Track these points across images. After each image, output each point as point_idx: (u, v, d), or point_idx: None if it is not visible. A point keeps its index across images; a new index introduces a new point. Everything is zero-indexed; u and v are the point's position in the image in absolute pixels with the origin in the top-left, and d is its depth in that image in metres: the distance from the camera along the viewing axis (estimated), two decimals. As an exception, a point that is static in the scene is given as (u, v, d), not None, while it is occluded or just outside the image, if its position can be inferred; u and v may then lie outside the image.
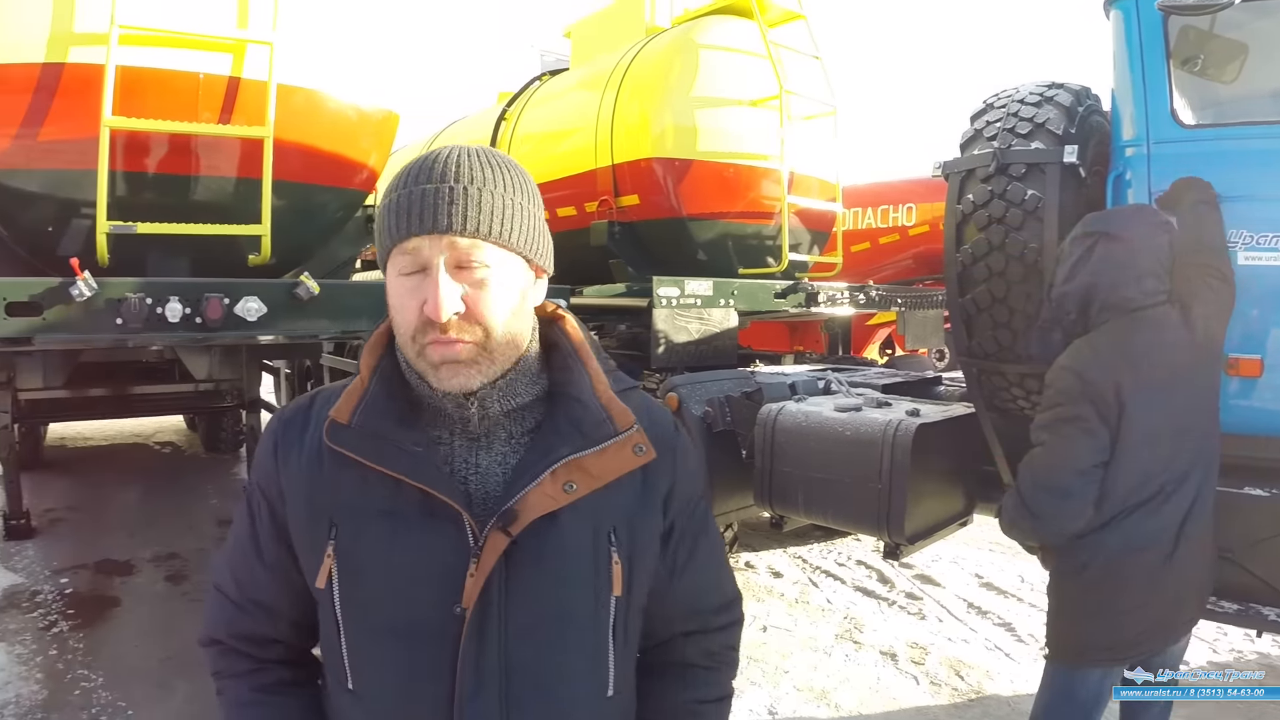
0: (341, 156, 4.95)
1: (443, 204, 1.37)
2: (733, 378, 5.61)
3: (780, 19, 6.95)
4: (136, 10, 4.14)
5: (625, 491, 1.51)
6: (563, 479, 1.44)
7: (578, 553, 1.48)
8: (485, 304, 1.40)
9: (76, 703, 4.91)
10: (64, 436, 12.79)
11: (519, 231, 1.42)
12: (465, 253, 1.38)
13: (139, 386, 9.09)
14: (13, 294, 3.80)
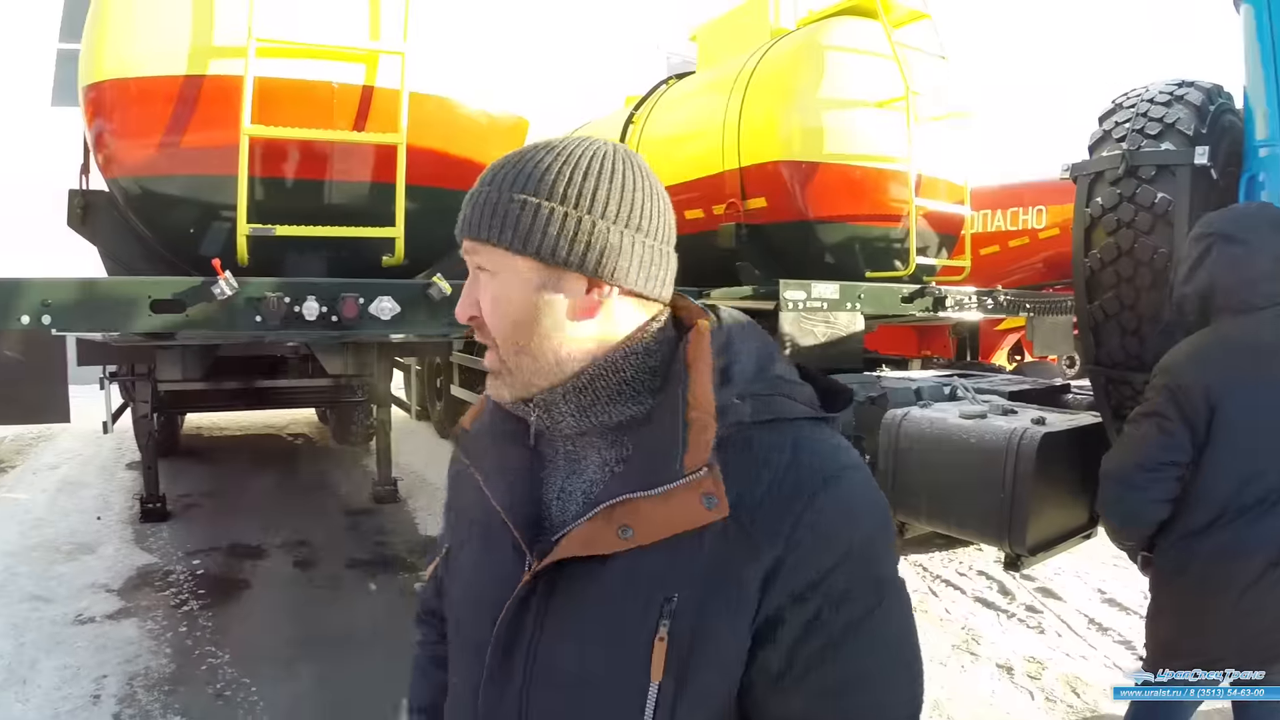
0: (471, 161, 5.07)
1: (467, 204, 1.33)
2: (858, 382, 5.59)
3: (905, 19, 6.89)
4: (272, 24, 4.33)
5: (699, 552, 1.19)
6: (618, 521, 1.21)
7: (616, 614, 1.23)
8: (486, 311, 1.32)
9: (203, 678, 5.09)
10: (200, 426, 13.23)
11: (522, 232, 1.26)
12: (473, 256, 1.33)
13: (274, 380, 9.45)
14: (157, 292, 4.00)
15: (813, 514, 1.19)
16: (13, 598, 6.17)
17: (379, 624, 5.90)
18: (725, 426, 1.22)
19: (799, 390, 1.33)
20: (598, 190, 1.27)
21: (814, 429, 1.29)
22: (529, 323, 1.29)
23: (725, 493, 1.17)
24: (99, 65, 4.49)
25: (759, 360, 1.33)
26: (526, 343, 1.30)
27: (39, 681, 4.95)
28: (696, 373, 1.27)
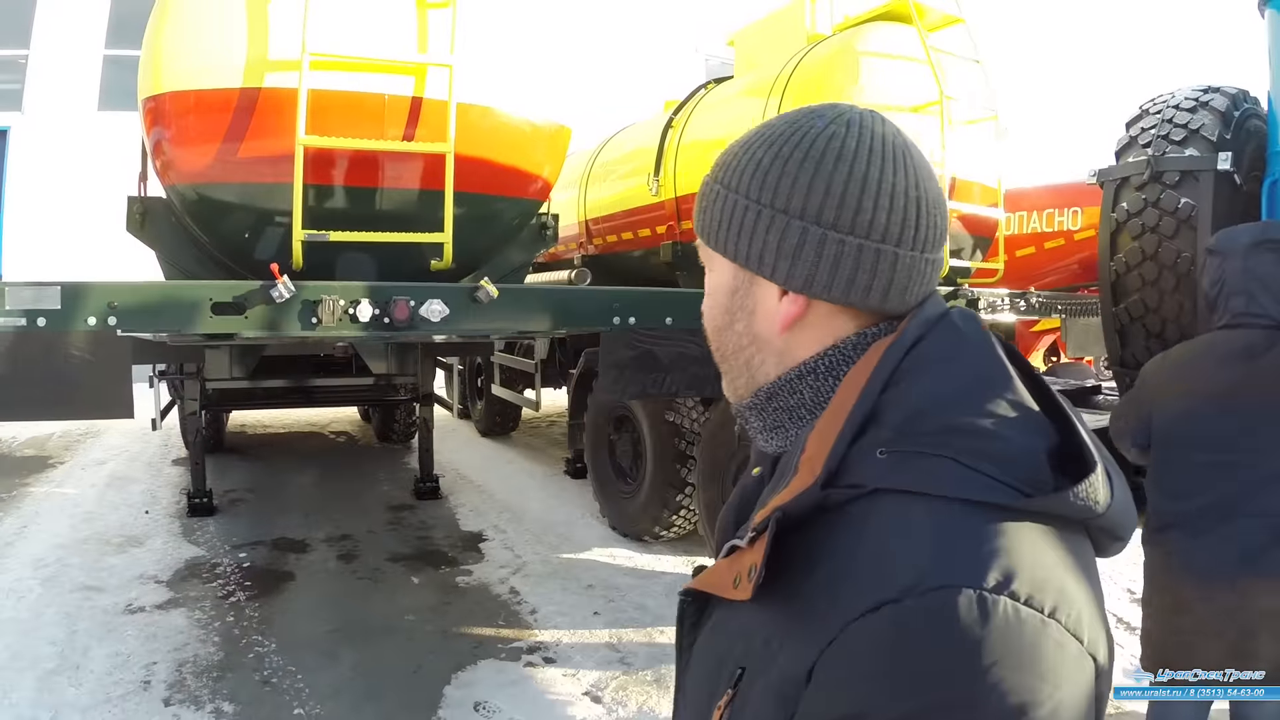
0: (516, 168, 5.23)
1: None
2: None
3: (939, 23, 6.93)
4: (324, 39, 4.48)
5: (769, 627, 0.99)
6: (737, 567, 1.03)
7: (709, 667, 1.10)
8: (704, 309, 1.24)
9: (250, 665, 5.22)
10: (244, 424, 13.38)
11: (712, 227, 1.15)
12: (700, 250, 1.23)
13: (319, 379, 9.65)
14: (218, 295, 4.16)
15: (858, 640, 0.87)
16: (65, 588, 6.33)
17: (421, 615, 6.01)
18: (839, 486, 0.95)
19: (997, 450, 0.93)
20: (793, 180, 1.07)
21: (953, 518, 0.89)
22: (724, 328, 1.20)
23: (779, 569, 0.95)
24: (158, 78, 4.66)
25: (941, 398, 0.99)
26: (722, 348, 1.22)
27: (91, 667, 5.09)
28: (833, 408, 1.04)
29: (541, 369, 9.99)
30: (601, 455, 8.29)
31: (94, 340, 3.95)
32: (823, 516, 0.96)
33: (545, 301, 5.06)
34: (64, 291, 3.91)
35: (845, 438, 0.97)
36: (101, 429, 13.09)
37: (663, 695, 4.93)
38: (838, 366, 1.10)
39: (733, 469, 6.45)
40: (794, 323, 1.11)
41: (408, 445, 12.06)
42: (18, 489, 9.31)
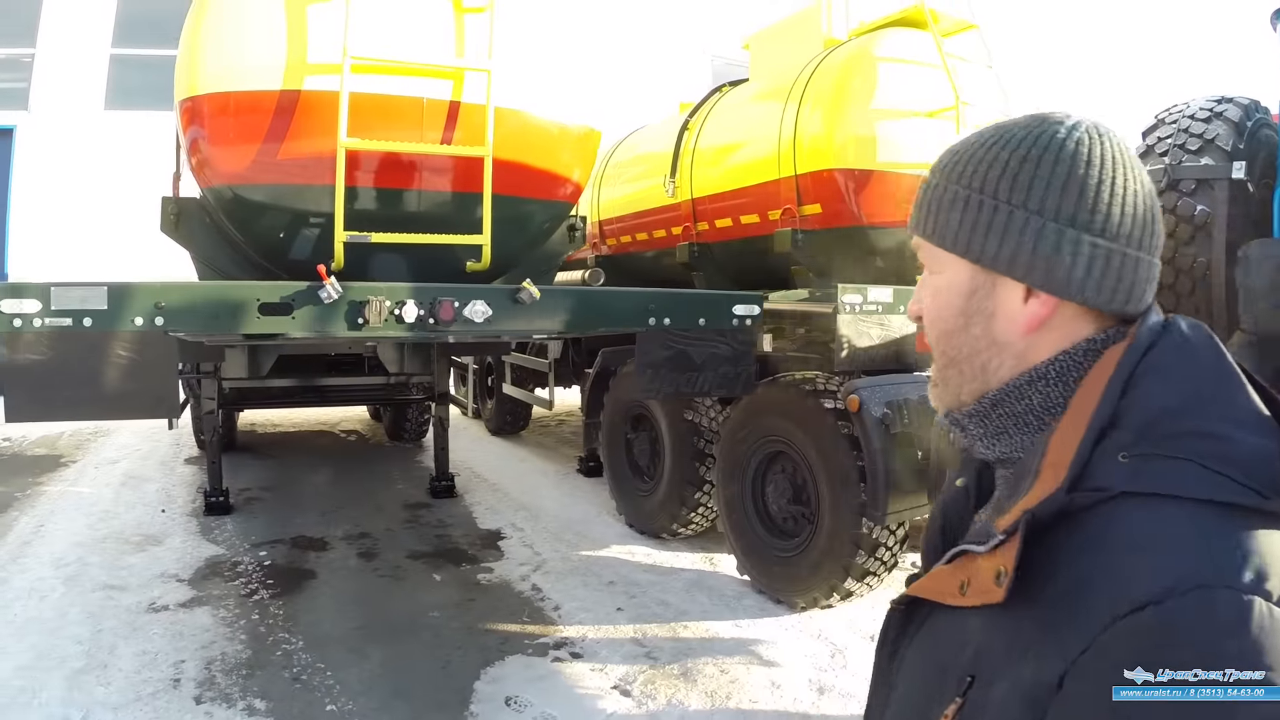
0: (550, 171, 5.32)
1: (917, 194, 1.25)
2: (910, 382, 5.76)
3: (953, 29, 6.99)
4: (364, 43, 4.54)
5: (1008, 634, 0.99)
6: (962, 575, 1.08)
7: (932, 675, 1.12)
8: (926, 310, 1.23)
9: (278, 662, 5.24)
10: (254, 423, 13.37)
11: (953, 228, 1.15)
12: (919, 251, 1.25)
13: (333, 378, 9.71)
14: (266, 295, 4.22)
15: (1108, 644, 0.89)
16: (86, 587, 6.33)
17: (446, 612, 6.06)
18: (1082, 491, 0.97)
19: (1236, 453, 0.95)
20: (1046, 182, 1.09)
21: (1203, 519, 0.91)
22: (957, 331, 1.18)
23: (1022, 574, 0.96)
24: (197, 80, 4.71)
25: (1179, 403, 1.00)
26: (954, 352, 1.20)
27: (119, 666, 5.09)
28: (1073, 413, 1.06)
29: (555, 368, 10.07)
30: (618, 454, 8.36)
31: (140, 340, 4.00)
32: (1063, 522, 0.98)
33: (584, 303, 5.15)
34: (111, 292, 3.96)
35: (1088, 443, 0.99)
36: (112, 428, 13.09)
37: (690, 688, 4.98)
38: (1068, 372, 1.12)
39: (753, 466, 6.54)
40: (1041, 325, 1.12)
41: (419, 444, 12.15)
42: (31, 488, 9.32)
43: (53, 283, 3.94)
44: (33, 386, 3.92)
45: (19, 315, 3.85)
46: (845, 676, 5.17)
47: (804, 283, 6.82)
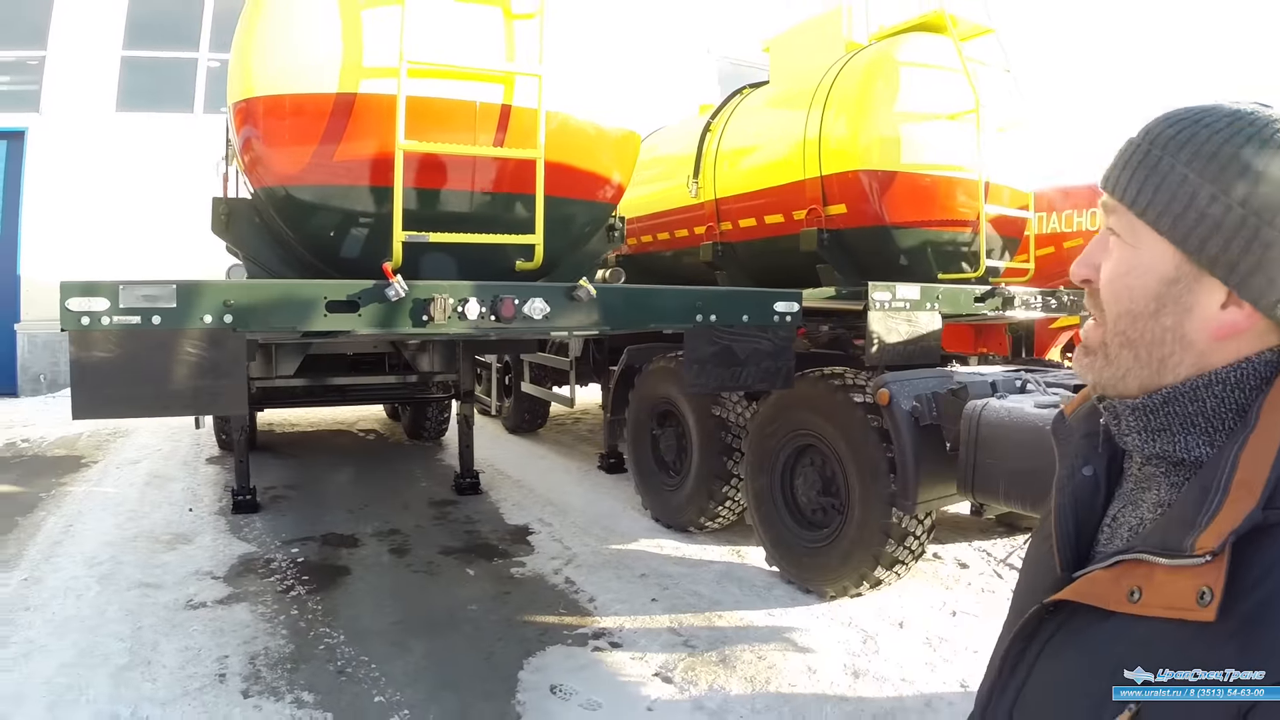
0: (594, 173, 5.44)
1: (1118, 154, 1.19)
2: (936, 376, 5.91)
3: (971, 34, 7.14)
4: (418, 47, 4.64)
5: (1191, 646, 1.00)
6: (1130, 581, 1.08)
7: (1093, 682, 1.09)
8: (1105, 280, 1.18)
9: (322, 656, 5.30)
10: (272, 422, 13.45)
11: (1173, 210, 1.10)
12: (1111, 214, 1.19)
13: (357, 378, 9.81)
14: (333, 294, 4.33)
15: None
16: (121, 585, 6.38)
17: (483, 605, 6.15)
18: (1275, 509, 0.99)
19: None
20: (1231, 169, 1.07)
21: None
22: (1145, 315, 1.15)
23: (1224, 593, 0.96)
24: (251, 82, 4.80)
25: None
26: (1136, 336, 1.16)
27: (163, 662, 5.13)
28: (1266, 425, 1.05)
29: (576, 366, 10.18)
30: (644, 449, 8.49)
31: (209, 337, 4.10)
32: (1254, 538, 0.98)
33: (637, 300, 5.29)
34: (180, 290, 4.05)
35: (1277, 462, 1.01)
36: (130, 428, 13.16)
37: (730, 675, 5.10)
38: (1246, 380, 1.11)
39: (782, 459, 6.67)
40: (1234, 334, 1.11)
41: (439, 443, 12.26)
42: (55, 489, 9.41)
43: (122, 281, 4.00)
44: (100, 383, 3.97)
45: (88, 313, 3.92)
46: (878, 661, 5.31)
47: (829, 281, 6.95)
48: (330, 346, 8.65)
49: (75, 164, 16.78)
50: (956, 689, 5.00)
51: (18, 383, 17.13)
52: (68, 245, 16.49)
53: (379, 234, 4.86)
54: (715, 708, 4.76)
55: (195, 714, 4.59)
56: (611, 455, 10.33)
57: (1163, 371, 1.15)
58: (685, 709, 4.78)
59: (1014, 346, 9.24)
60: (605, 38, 5.48)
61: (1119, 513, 1.26)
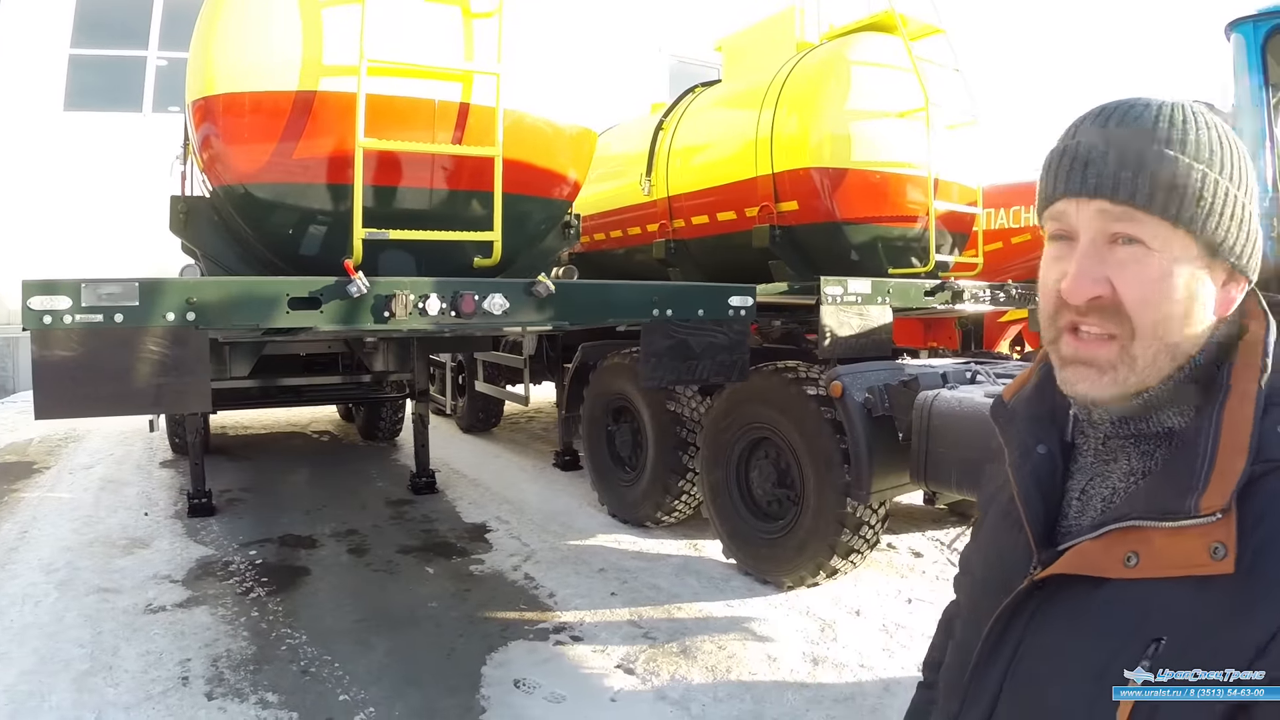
0: (550, 171, 5.49)
1: (1098, 158, 1.15)
2: (888, 368, 6.03)
3: (921, 33, 7.25)
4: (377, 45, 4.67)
5: (1198, 599, 1.05)
6: (1126, 546, 1.12)
7: (1099, 647, 1.13)
8: (1134, 291, 1.14)
9: (285, 656, 5.32)
10: (225, 425, 13.40)
11: (1190, 201, 1.12)
12: (1117, 223, 1.15)
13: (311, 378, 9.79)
14: (295, 290, 4.35)
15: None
16: (80, 590, 6.36)
17: (444, 603, 6.19)
18: (1259, 463, 1.06)
19: None
20: (1245, 166, 1.16)
21: None
22: (1182, 316, 1.16)
23: (1238, 544, 1.02)
24: (210, 79, 4.79)
25: None
26: (1175, 339, 1.16)
27: (125, 667, 5.13)
28: (1239, 391, 1.13)
29: (530, 364, 10.22)
30: (600, 446, 8.55)
31: (172, 335, 4.11)
32: (1245, 489, 1.06)
33: (594, 295, 5.35)
34: (142, 287, 4.05)
35: (1258, 420, 1.10)
36: (82, 433, 13.06)
37: (691, 664, 5.19)
38: (1210, 352, 1.20)
39: (737, 452, 6.77)
40: (1230, 309, 1.20)
41: (393, 443, 12.26)
42: (8, 494, 9.35)
43: (84, 279, 4.00)
44: (63, 383, 3.96)
45: (49, 312, 3.91)
46: (836, 649, 5.41)
47: (781, 276, 7.05)
48: (284, 347, 8.63)
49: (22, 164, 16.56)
50: (914, 674, 5.04)
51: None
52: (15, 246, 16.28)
53: (338, 231, 4.88)
54: (678, 697, 4.83)
55: (160, 717, 4.60)
56: (566, 452, 10.40)
57: (1175, 360, 1.18)
58: (648, 699, 4.85)
59: (963, 340, 9.38)
60: (561, 36, 5.52)
61: (1088, 485, 1.29)
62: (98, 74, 17.52)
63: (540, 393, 11.20)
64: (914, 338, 10.06)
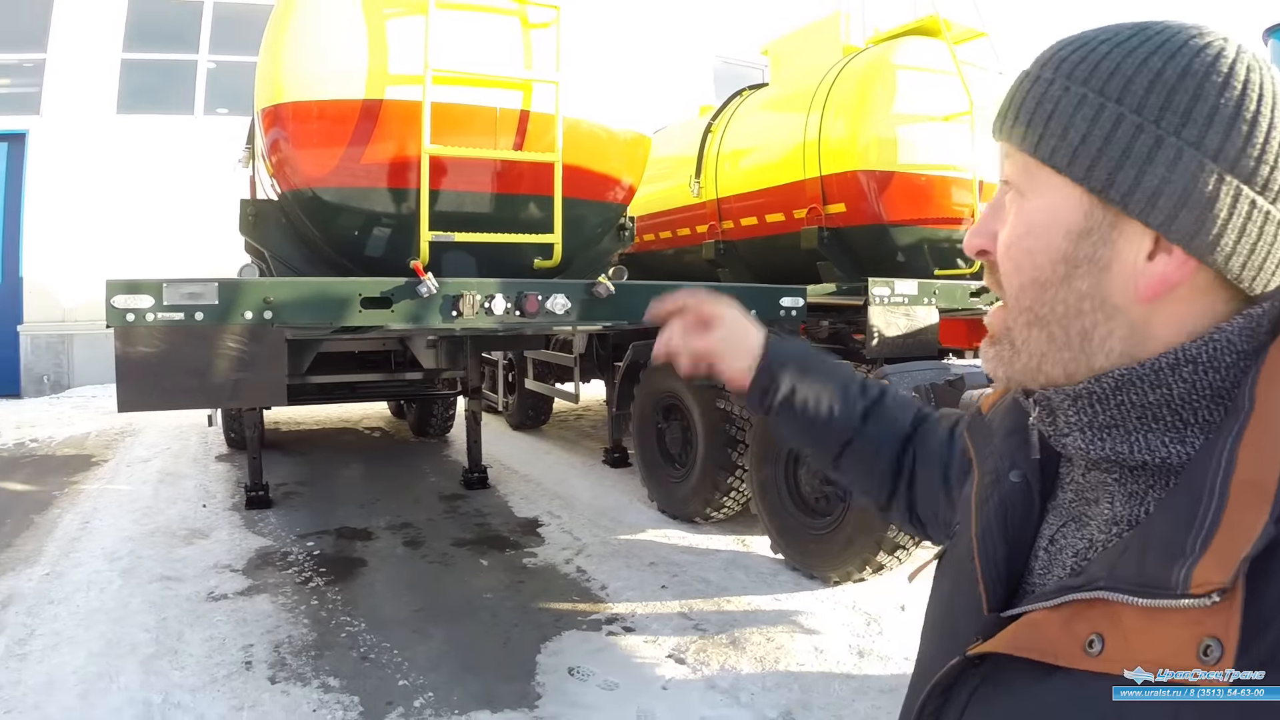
0: (606, 175, 5.66)
1: (1008, 92, 0.98)
2: (933, 368, 6.11)
3: (964, 37, 7.36)
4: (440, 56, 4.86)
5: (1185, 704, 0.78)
6: (1089, 624, 0.84)
7: None
8: (1001, 248, 0.97)
9: (345, 643, 5.43)
10: (277, 420, 13.50)
11: (1072, 139, 0.88)
12: (1006, 168, 0.98)
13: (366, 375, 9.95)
14: (368, 290, 4.55)
15: None
16: (143, 578, 6.49)
17: (498, 594, 6.30)
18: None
19: None
20: (1212, 109, 0.83)
21: None
22: (1053, 284, 0.92)
23: (1240, 643, 0.74)
24: (279, 88, 5.00)
25: None
26: (1045, 310, 0.93)
27: (190, 651, 5.25)
28: (1265, 409, 0.81)
29: (580, 363, 10.38)
30: (650, 443, 8.66)
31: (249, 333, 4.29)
32: (1268, 553, 0.74)
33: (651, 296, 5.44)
34: (221, 287, 4.25)
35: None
36: (138, 427, 13.25)
37: (740, 655, 5.29)
38: (1220, 357, 0.87)
39: (785, 451, 6.89)
40: (1166, 292, 0.87)
41: (444, 439, 12.38)
42: (69, 486, 9.53)
43: (165, 279, 4.20)
44: (145, 377, 4.15)
45: (132, 310, 4.11)
46: (882, 642, 5.50)
47: (829, 277, 7.17)
48: (338, 344, 8.80)
49: (76, 166, 16.86)
50: (914, 661, 5.18)
51: (20, 384, 17.22)
52: (70, 247, 16.60)
53: (402, 233, 5.06)
54: (727, 686, 4.94)
55: (225, 699, 4.73)
56: (616, 449, 10.51)
57: (1088, 350, 0.92)
58: (699, 688, 4.95)
59: (1005, 341, 9.44)
60: (615, 44, 5.69)
61: (1058, 532, 1.01)
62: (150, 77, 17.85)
63: (589, 390, 11.29)
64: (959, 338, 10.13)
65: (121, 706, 4.63)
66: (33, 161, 17.01)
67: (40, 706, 4.62)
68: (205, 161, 16.12)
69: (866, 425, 1.54)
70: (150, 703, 4.67)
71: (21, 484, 9.77)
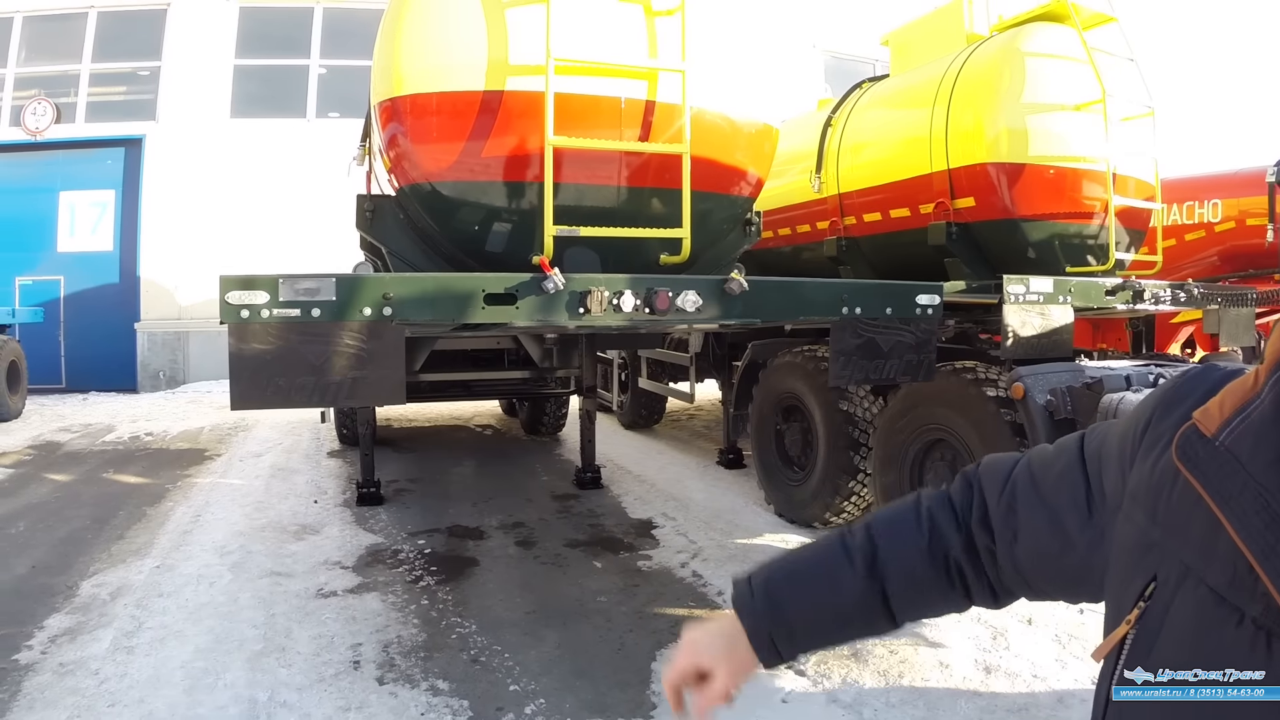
0: (735, 168, 5.50)
1: None
2: (1069, 369, 5.86)
3: (1093, 22, 7.07)
4: (563, 45, 4.72)
5: None
6: None
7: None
8: None
9: (455, 645, 5.36)
10: (388, 418, 13.64)
11: None
12: None
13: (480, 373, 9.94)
14: (491, 286, 4.42)
15: None
16: (253, 573, 6.54)
17: (612, 598, 6.19)
18: None
19: None
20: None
21: None
22: None
23: None
24: (397, 81, 4.92)
25: None
26: None
27: (297, 649, 5.25)
28: None
29: (695, 362, 10.23)
30: (769, 444, 8.50)
31: (368, 330, 4.20)
32: None
33: (785, 293, 5.33)
34: (339, 283, 4.16)
35: None
36: (251, 423, 13.49)
37: (863, 668, 5.10)
38: None
39: (911, 454, 6.66)
40: None
41: (555, 438, 12.38)
42: (181, 480, 9.73)
43: (281, 275, 4.12)
44: (260, 375, 4.08)
45: (247, 306, 4.04)
46: (1009, 657, 5.27)
47: (957, 275, 6.92)
48: (452, 342, 8.78)
49: (191, 169, 17.33)
50: (1087, 685, 4.92)
51: (138, 379, 17.72)
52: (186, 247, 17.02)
53: (523, 228, 4.95)
54: (850, 701, 4.77)
55: (332, 700, 4.68)
56: (731, 450, 10.38)
57: None
58: (820, 701, 4.79)
59: (1134, 341, 9.08)
60: (739, 34, 5.51)
61: None
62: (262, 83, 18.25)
63: (703, 390, 11.20)
64: (1084, 338, 9.78)
65: (227, 704, 4.62)
66: (150, 165, 17.53)
67: (145, 701, 4.61)
68: (317, 164, 16.36)
69: (879, 567, 1.42)
70: (256, 700, 4.66)
71: (136, 477, 9.98)
